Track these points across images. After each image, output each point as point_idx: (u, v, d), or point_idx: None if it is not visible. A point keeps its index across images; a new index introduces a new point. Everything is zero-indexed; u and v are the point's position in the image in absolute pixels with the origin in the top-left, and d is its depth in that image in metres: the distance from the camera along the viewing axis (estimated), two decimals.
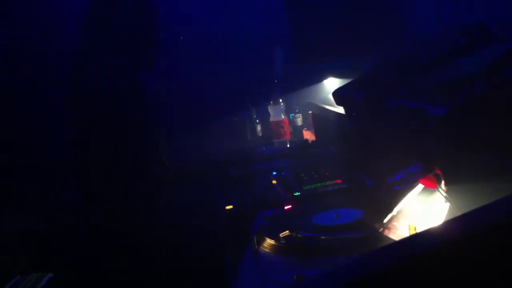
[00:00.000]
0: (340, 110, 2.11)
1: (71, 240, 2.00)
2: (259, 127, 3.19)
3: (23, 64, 2.38)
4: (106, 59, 1.95)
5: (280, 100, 3.08)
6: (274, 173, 2.13)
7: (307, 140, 2.81)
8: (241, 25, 3.32)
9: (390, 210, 1.13)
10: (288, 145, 2.89)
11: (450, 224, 0.65)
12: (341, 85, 2.04)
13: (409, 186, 1.14)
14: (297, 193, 1.73)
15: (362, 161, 1.90)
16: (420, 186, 1.14)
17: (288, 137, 3.04)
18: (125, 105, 1.94)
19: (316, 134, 2.83)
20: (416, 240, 0.63)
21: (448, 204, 1.11)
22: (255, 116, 3.19)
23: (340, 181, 1.80)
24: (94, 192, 1.97)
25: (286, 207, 1.59)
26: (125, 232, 1.88)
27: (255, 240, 1.30)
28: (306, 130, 3.06)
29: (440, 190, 1.11)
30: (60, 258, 1.96)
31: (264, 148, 2.84)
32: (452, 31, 1.72)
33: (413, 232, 1.04)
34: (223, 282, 1.37)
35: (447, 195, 1.10)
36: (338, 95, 1.95)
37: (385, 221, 1.13)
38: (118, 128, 1.94)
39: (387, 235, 1.12)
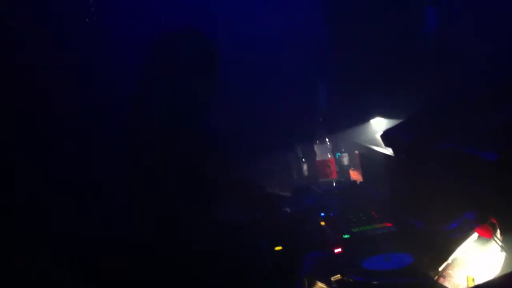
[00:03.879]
0: (389, 151, 2.11)
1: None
2: (305, 166, 3.21)
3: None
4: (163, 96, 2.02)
5: (327, 140, 3.11)
6: (322, 214, 2.14)
7: (355, 180, 2.80)
8: (287, 62, 3.34)
9: (446, 258, 1.13)
10: (334, 185, 2.88)
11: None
12: (389, 125, 2.04)
13: (465, 234, 1.13)
14: (346, 236, 1.73)
15: (412, 205, 1.88)
16: (475, 235, 1.13)
17: (334, 176, 3.04)
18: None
19: (364, 174, 2.82)
20: None
21: (504, 253, 1.09)
22: (301, 155, 3.22)
23: (390, 224, 1.79)
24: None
25: (335, 250, 1.60)
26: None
27: (306, 282, 1.31)
28: (353, 170, 3.05)
29: (496, 239, 1.10)
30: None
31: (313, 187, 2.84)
32: (503, 69, 1.70)
33: (471, 284, 1.03)
34: None
35: (503, 245, 1.09)
36: (387, 136, 1.95)
37: (440, 269, 1.13)
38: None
39: (442, 283, 1.11)
